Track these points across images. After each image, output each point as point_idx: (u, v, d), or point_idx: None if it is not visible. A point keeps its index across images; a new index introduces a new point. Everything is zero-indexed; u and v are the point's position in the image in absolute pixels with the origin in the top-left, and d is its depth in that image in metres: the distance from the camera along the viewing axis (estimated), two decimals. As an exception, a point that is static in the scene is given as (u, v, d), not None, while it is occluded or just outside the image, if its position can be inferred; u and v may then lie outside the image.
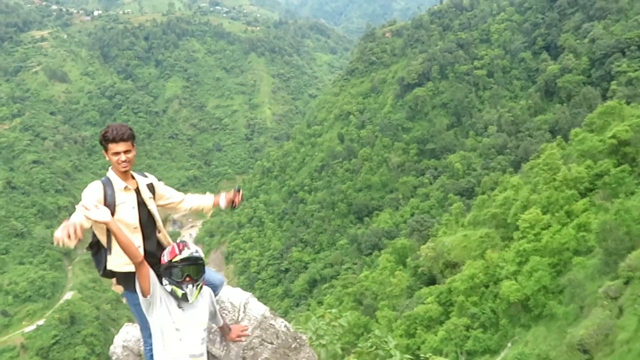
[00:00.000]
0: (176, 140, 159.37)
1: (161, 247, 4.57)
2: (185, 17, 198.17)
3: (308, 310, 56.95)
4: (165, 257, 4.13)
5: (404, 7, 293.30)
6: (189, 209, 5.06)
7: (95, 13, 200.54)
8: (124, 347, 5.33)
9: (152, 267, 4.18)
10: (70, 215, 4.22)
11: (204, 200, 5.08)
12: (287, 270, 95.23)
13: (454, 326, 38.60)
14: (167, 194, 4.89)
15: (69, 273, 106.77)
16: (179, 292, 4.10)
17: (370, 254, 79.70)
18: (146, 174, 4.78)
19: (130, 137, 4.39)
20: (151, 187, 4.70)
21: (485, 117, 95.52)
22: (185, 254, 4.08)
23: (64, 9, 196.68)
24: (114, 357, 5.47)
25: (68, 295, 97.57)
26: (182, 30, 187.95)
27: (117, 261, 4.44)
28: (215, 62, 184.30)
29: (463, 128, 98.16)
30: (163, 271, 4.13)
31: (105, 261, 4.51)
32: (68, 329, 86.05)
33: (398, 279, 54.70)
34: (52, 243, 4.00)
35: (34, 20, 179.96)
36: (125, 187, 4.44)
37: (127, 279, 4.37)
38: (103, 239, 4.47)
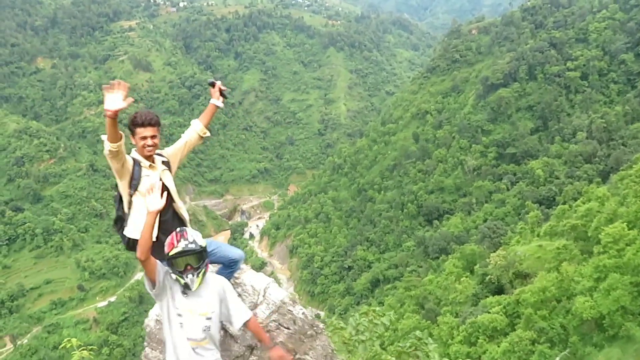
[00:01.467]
0: (250, 132, 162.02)
1: (177, 216, 4.94)
2: (267, 9, 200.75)
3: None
4: (165, 249, 4.21)
5: (495, 3, 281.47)
6: (199, 135, 5.29)
7: (181, 4, 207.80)
8: (156, 320, 5.57)
9: (166, 234, 4.38)
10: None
11: (198, 124, 5.31)
12: (350, 268, 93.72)
13: (518, 339, 35.62)
14: (175, 148, 5.21)
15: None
16: (182, 281, 4.21)
17: (437, 257, 76.47)
18: (160, 152, 5.04)
19: (157, 123, 4.79)
20: (167, 163, 5.05)
21: (574, 123, 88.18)
22: (180, 246, 4.14)
23: (151, 0, 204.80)
24: (147, 330, 5.78)
25: (138, 275, 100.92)
26: (263, 22, 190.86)
27: (134, 229, 4.81)
28: (294, 55, 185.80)
29: (549, 133, 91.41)
30: (166, 262, 4.23)
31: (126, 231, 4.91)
32: (136, 307, 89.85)
33: (464, 285, 52.06)
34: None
35: (124, 10, 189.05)
36: (150, 165, 4.86)
37: None
38: (125, 208, 4.88)
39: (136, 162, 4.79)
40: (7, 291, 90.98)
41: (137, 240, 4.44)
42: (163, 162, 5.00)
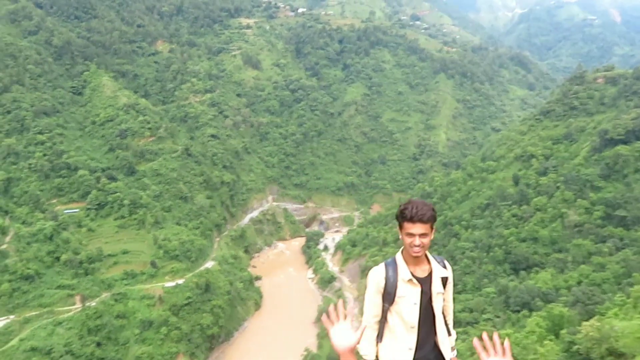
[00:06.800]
0: (343, 143, 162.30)
1: (435, 351, 4.21)
2: (383, 27, 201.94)
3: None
4: None
5: (627, 53, 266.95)
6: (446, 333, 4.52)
7: (300, 10, 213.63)
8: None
9: None
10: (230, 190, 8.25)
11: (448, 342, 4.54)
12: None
13: None
14: (448, 297, 4.48)
15: (215, 244, 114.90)
16: None
17: (518, 311, 71.94)
18: (445, 261, 4.42)
19: (431, 219, 4.18)
20: (445, 281, 4.35)
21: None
22: None
23: (272, 2, 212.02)
24: None
25: (209, 264, 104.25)
26: (376, 39, 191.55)
27: (385, 354, 4.24)
28: (402, 75, 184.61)
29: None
30: None
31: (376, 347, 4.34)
32: (201, 294, 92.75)
33: (546, 349, 47.56)
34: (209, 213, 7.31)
35: (245, 8, 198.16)
36: (410, 280, 4.20)
37: None
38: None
39: (392, 271, 4.19)
40: (86, 253, 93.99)
41: None
42: (442, 278, 4.31)
